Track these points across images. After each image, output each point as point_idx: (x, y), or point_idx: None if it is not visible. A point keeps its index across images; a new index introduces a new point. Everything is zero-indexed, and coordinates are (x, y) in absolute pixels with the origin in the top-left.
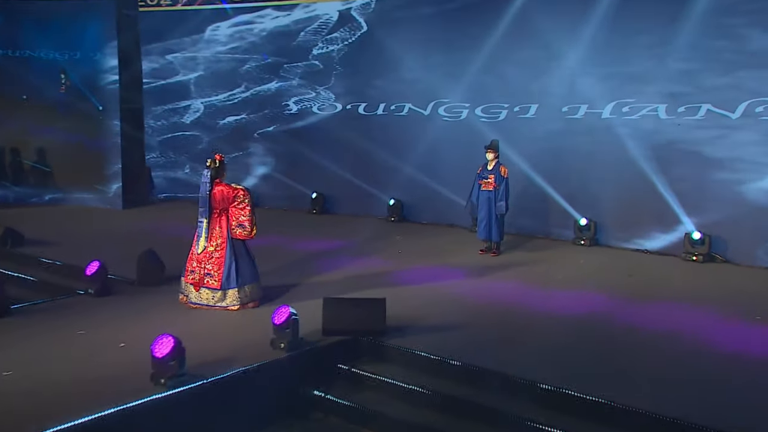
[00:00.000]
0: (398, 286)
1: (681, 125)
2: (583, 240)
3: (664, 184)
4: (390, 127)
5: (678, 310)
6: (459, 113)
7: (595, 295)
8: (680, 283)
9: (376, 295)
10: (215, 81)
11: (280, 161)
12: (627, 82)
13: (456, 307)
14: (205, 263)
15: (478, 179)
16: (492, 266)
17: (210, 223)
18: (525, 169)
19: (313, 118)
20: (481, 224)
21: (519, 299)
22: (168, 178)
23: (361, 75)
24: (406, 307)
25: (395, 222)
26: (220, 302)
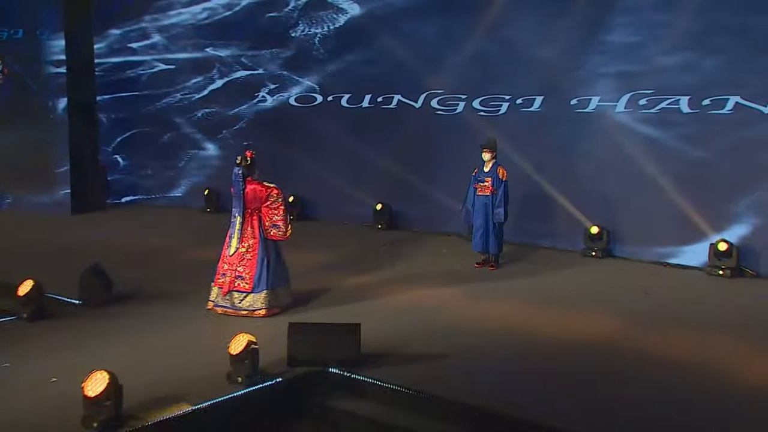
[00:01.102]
0: (379, 307)
1: (706, 120)
2: (594, 251)
3: (687, 187)
4: (376, 121)
5: (702, 336)
6: (454, 106)
7: (606, 317)
8: (705, 301)
9: (353, 316)
10: (181, 69)
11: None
12: (644, 72)
13: (445, 331)
14: (236, 265)
15: (474, 183)
16: (489, 282)
17: (243, 223)
18: (528, 170)
19: (290, 110)
20: (476, 234)
21: (518, 322)
22: (127, 180)
23: (344, 62)
24: (387, 332)
25: (383, 229)
26: (248, 305)
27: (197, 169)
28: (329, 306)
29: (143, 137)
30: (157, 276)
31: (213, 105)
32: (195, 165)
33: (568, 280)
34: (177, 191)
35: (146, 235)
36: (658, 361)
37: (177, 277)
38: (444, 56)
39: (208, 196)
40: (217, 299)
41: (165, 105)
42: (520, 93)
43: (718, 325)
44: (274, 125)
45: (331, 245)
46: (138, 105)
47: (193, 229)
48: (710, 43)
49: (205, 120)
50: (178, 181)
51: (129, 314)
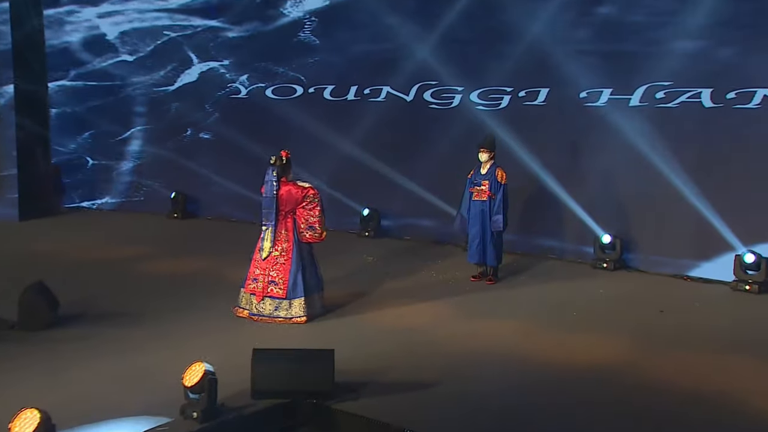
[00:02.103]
0: (358, 327)
1: (731, 115)
2: (605, 262)
3: (710, 191)
4: (363, 115)
5: (723, 360)
6: (450, 99)
7: (616, 339)
8: (728, 320)
9: (330, 339)
10: (148, 57)
11: (223, 160)
12: (661, 62)
13: (433, 355)
14: (269, 270)
15: (469, 186)
16: (486, 298)
17: (276, 226)
18: (531, 171)
19: (267, 103)
20: (473, 244)
21: (516, 344)
22: (84, 183)
23: (328, 50)
24: (367, 358)
25: (370, 237)
26: (284, 313)
27: (163, 170)
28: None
29: (104, 134)
30: (110, 292)
31: (182, 97)
32: (160, 166)
33: (575, 296)
34: (140, 195)
35: (101, 245)
36: (671, 390)
37: (132, 294)
38: (438, 43)
39: (175, 201)
40: (249, 306)
41: (127, 97)
42: (523, 84)
43: (743, 348)
44: (249, 120)
45: None
46: (96, 96)
47: (155, 238)
48: (735, 31)
49: (173, 114)
50: (142, 184)
51: (73, 338)
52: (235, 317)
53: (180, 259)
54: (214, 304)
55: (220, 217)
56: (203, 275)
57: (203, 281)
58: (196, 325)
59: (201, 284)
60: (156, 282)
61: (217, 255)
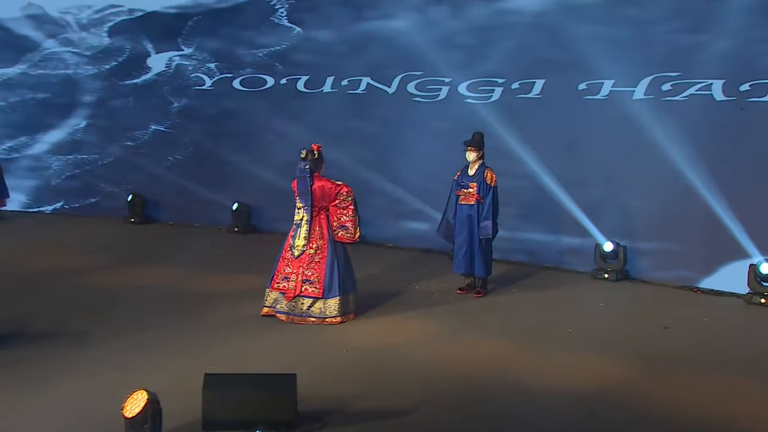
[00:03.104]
0: (325, 347)
1: (746, 109)
2: (607, 272)
3: (722, 194)
4: (341, 109)
5: (733, 384)
6: (436, 91)
7: (615, 359)
8: (741, 338)
9: (294, 361)
10: (98, 45)
11: (186, 159)
12: (668, 50)
13: (410, 380)
14: (304, 268)
15: (456, 189)
16: (472, 314)
17: (311, 222)
18: (526, 171)
19: (234, 96)
20: (459, 253)
21: (504, 367)
22: (29, 184)
23: (302, 37)
24: (335, 382)
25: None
26: (318, 312)
27: (119, 170)
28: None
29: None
30: (51, 309)
31: (140, 89)
32: (116, 166)
33: (572, 310)
34: (92, 197)
35: (45, 254)
36: (676, 416)
37: (77, 310)
38: (423, 29)
39: (132, 204)
40: (277, 305)
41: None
42: (517, 75)
43: (756, 369)
44: (214, 115)
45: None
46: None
47: (109, 246)
48: (748, 17)
49: (130, 109)
50: (95, 185)
51: (3, 362)
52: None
53: (135, 270)
54: (170, 322)
55: (183, 223)
56: (161, 288)
57: (160, 295)
58: (146, 346)
59: (157, 298)
60: (106, 296)
61: (178, 265)
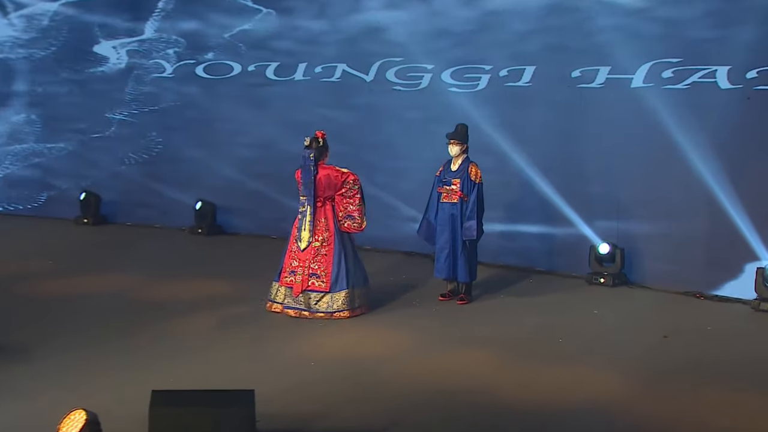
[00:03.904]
0: (291, 359)
1: (753, 98)
2: (603, 276)
3: (729, 191)
4: (314, 99)
5: (739, 399)
6: (417, 79)
7: (610, 372)
8: (747, 348)
9: (254, 376)
10: (41, 28)
11: (146, 154)
12: (669, 34)
13: (384, 397)
14: (310, 262)
15: (438, 185)
16: (455, 322)
17: (315, 213)
18: (515, 165)
19: (197, 84)
20: (441, 255)
21: (488, 381)
22: None
23: (273, 20)
24: (301, 399)
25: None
26: (325, 307)
27: (70, 167)
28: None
29: None
30: None
31: (95, 78)
32: (67, 162)
33: (564, 318)
34: (40, 196)
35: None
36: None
37: (16, 322)
38: (404, 13)
39: (86, 203)
40: (286, 300)
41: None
42: (505, 62)
43: (761, 382)
44: (175, 105)
45: (242, 266)
46: None
47: (57, 249)
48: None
49: (82, 99)
50: (43, 183)
51: None
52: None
53: (85, 276)
54: (121, 334)
55: (141, 224)
56: (113, 297)
57: (111, 305)
58: (92, 361)
59: (108, 309)
60: (49, 306)
61: (134, 270)
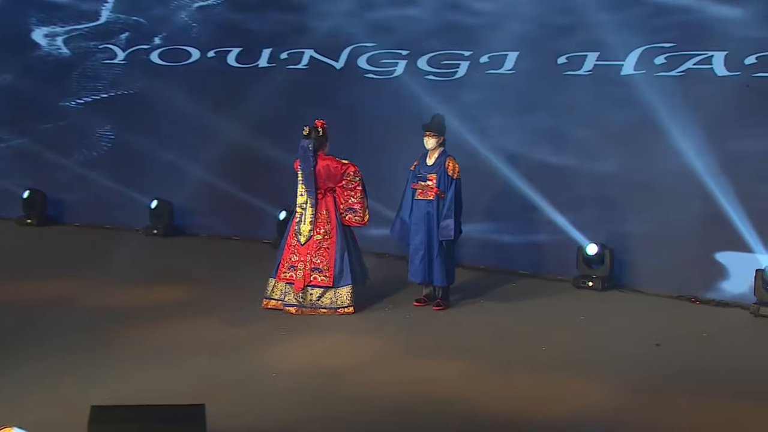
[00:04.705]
0: (253, 371)
1: (752, 86)
2: (591, 279)
3: (725, 188)
4: (279, 87)
5: (737, 410)
6: (391, 66)
7: (597, 382)
8: (745, 356)
9: (209, 388)
10: None
11: (96, 150)
12: (661, 17)
13: (353, 408)
14: (312, 256)
15: (412, 181)
16: (430, 330)
17: (316, 206)
18: (495, 161)
19: (151, 71)
20: (415, 258)
21: (464, 393)
22: None
23: (233, 2)
24: (263, 413)
25: None
26: (329, 303)
27: (12, 163)
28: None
29: None
30: None
31: (35, 66)
32: (8, 157)
33: (549, 325)
34: None
35: None
36: None
37: None
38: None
39: (29, 202)
40: (286, 297)
41: None
42: (486, 48)
43: (759, 392)
44: (128, 95)
45: (201, 270)
46: None
47: None
48: None
49: (24, 90)
50: None
51: None
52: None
53: (27, 282)
54: (67, 345)
55: (92, 224)
56: (58, 304)
57: (56, 312)
58: (36, 375)
59: (54, 317)
60: None
61: (82, 275)
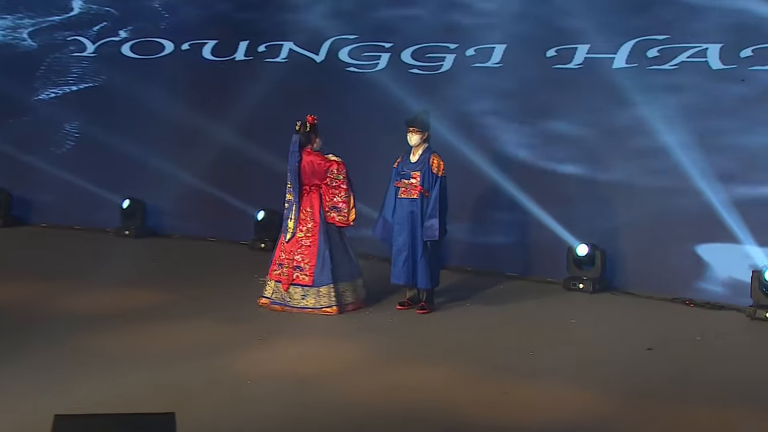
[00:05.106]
0: (225, 378)
1: (749, 80)
2: (582, 281)
3: (722, 185)
4: (256, 82)
5: (731, 417)
6: (375, 59)
7: (587, 389)
8: (741, 361)
9: (180, 395)
10: None
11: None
12: (654, 8)
13: (331, 417)
14: (294, 254)
15: (395, 179)
16: (414, 334)
17: (300, 202)
18: (482, 159)
19: (123, 65)
20: (398, 259)
21: (449, 400)
22: None
23: None
24: (235, 422)
25: (269, 249)
26: (312, 302)
27: None
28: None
29: None
30: None
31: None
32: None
33: (537, 329)
34: None
35: None
36: None
37: None
38: None
39: None
40: (274, 295)
41: None
42: (472, 41)
43: (755, 398)
44: (98, 90)
45: (174, 273)
46: None
47: None
48: None
49: None
50: None
51: None
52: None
53: None
54: (29, 351)
55: (60, 225)
56: (20, 309)
57: (20, 316)
58: None
59: (14, 322)
60: None
61: (48, 278)
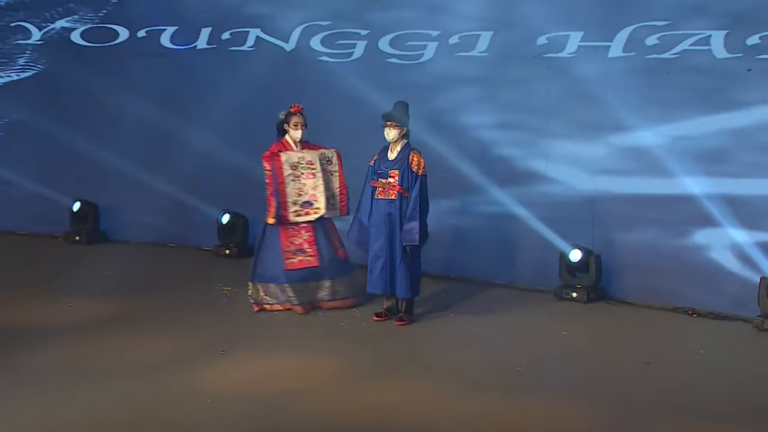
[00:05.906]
0: (188, 394)
1: (755, 70)
2: (575, 290)
3: (728, 181)
4: (220, 73)
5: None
6: (350, 47)
7: (579, 405)
8: (746, 375)
9: (140, 418)
10: None
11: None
12: None
13: None
14: None
15: (372, 178)
16: (391, 348)
17: None
18: (466, 156)
19: (73, 53)
20: (375, 266)
21: (428, 419)
22: None
23: None
24: None
25: (232, 256)
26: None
27: None
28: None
29: None
30: None
31: None
32: None
33: (526, 341)
34: None
35: None
36: None
37: None
38: None
39: None
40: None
41: None
42: (455, 28)
43: (760, 416)
44: (47, 81)
45: (128, 281)
46: None
47: None
48: None
49: None
50: None
51: None
52: None
53: None
54: None
55: (2, 231)
56: None
57: None
58: None
59: None
60: None
61: None
